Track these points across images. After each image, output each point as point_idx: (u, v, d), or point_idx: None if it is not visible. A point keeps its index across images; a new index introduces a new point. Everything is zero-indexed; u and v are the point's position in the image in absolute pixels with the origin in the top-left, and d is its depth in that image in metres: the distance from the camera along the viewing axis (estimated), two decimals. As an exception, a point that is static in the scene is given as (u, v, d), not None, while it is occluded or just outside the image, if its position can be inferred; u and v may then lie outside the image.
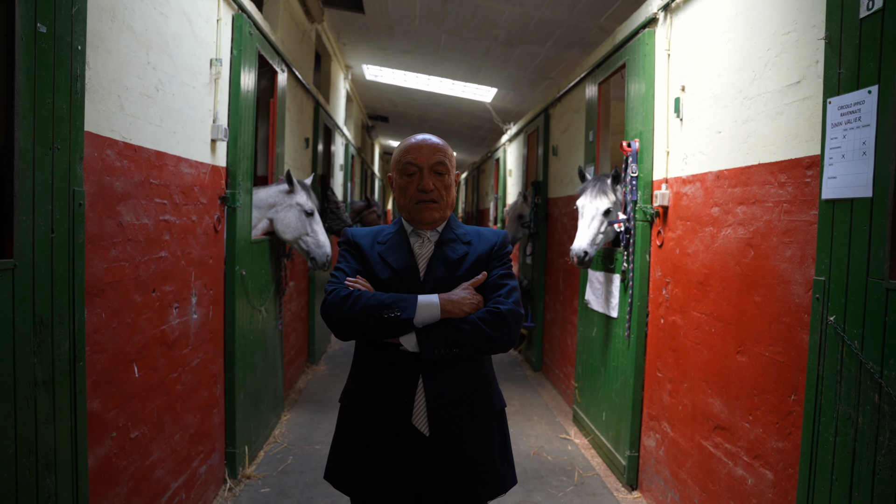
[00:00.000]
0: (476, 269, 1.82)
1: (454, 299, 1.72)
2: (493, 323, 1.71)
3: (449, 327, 1.69)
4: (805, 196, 2.23)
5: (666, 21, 3.40)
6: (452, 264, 1.82)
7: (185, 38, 2.80)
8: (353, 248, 1.88)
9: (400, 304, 1.67)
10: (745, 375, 2.55)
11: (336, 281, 1.79)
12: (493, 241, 1.88)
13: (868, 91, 1.84)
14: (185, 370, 2.88)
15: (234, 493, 3.37)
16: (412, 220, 1.86)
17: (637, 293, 3.57)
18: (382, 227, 1.94)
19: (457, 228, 1.91)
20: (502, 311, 1.73)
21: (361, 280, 1.80)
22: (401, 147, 1.87)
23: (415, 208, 1.82)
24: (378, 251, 1.85)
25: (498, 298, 1.77)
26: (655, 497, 3.37)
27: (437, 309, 1.69)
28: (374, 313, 1.67)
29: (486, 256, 1.85)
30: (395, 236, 1.88)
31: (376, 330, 1.69)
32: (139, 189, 2.41)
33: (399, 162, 1.84)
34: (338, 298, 1.71)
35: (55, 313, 1.82)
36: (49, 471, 1.79)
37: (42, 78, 1.72)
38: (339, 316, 1.70)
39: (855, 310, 1.86)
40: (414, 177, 1.82)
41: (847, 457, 1.87)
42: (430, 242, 1.86)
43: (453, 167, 1.89)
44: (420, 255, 1.85)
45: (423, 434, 1.73)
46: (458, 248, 1.85)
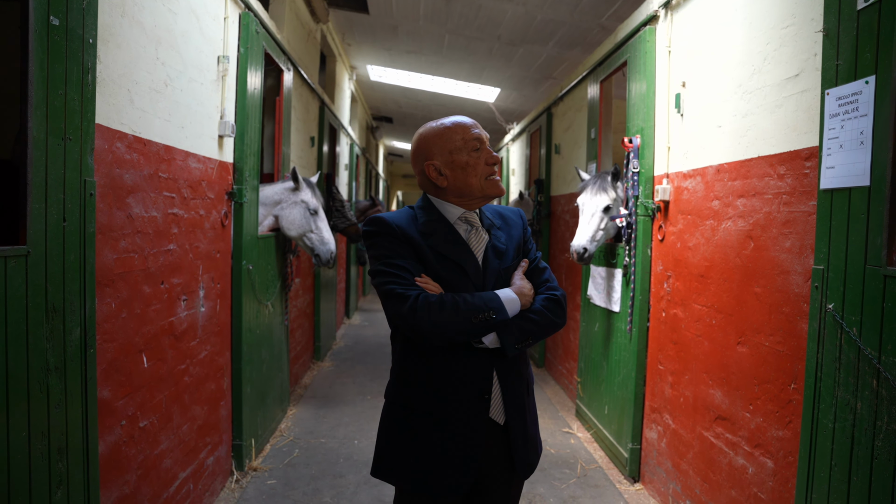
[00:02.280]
0: (518, 254, 1.87)
1: (525, 292, 1.76)
2: (554, 310, 1.78)
3: (523, 320, 1.72)
4: (804, 187, 2.26)
5: (667, 18, 3.43)
6: (501, 254, 1.82)
7: (193, 35, 2.85)
8: (400, 240, 1.73)
9: (490, 304, 1.67)
10: (746, 366, 2.57)
11: (404, 281, 1.67)
12: (521, 224, 1.93)
13: (865, 81, 1.87)
14: (192, 362, 2.92)
15: (241, 485, 3.40)
16: (483, 197, 1.80)
17: (639, 287, 3.60)
18: (412, 213, 1.81)
19: (487, 211, 1.90)
20: (559, 296, 1.81)
21: (429, 280, 1.72)
22: (451, 126, 1.79)
23: (488, 183, 1.78)
24: (429, 244, 1.74)
25: (549, 284, 1.84)
26: (657, 488, 3.39)
27: (517, 305, 1.72)
28: (471, 318, 1.64)
29: (522, 240, 1.90)
30: (441, 226, 1.78)
31: (471, 333, 1.66)
32: (148, 182, 2.45)
33: (461, 140, 1.76)
34: (428, 304, 1.62)
35: (67, 301, 1.86)
36: (61, 455, 1.83)
37: (54, 70, 1.77)
38: (433, 323, 1.61)
39: (853, 297, 1.89)
40: (480, 151, 1.77)
41: (846, 442, 1.90)
42: (478, 231, 1.82)
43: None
44: (475, 247, 1.80)
45: (497, 423, 1.77)
46: (500, 236, 1.85)
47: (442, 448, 1.72)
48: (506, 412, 1.76)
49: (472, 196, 1.80)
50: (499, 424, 1.77)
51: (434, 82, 8.56)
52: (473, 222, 1.82)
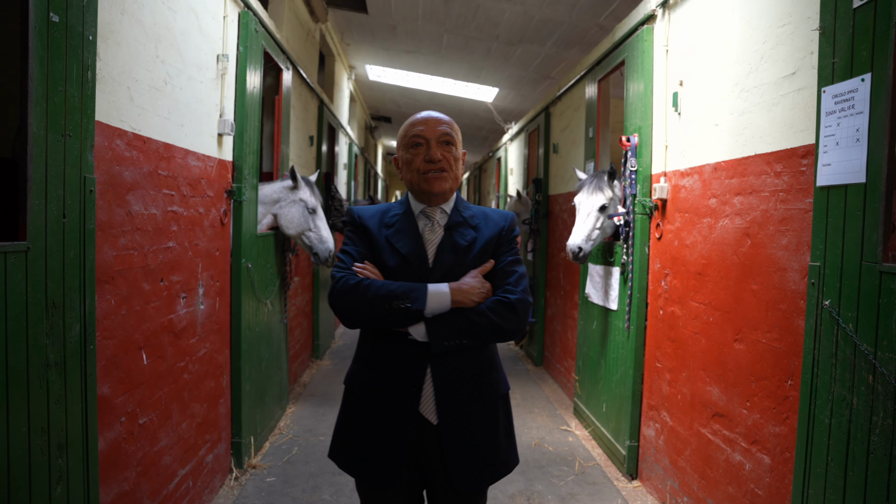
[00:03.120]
0: (484, 254, 1.80)
1: (464, 289, 1.70)
2: (502, 313, 1.70)
3: (459, 317, 1.68)
4: (800, 184, 2.27)
5: (664, 17, 3.44)
6: (461, 251, 1.78)
7: (193, 34, 2.85)
8: (359, 230, 1.82)
9: (411, 294, 1.65)
10: (743, 362, 2.59)
11: (343, 266, 1.76)
12: (501, 225, 1.85)
13: (861, 79, 1.88)
14: (192, 359, 2.93)
15: (240, 482, 3.41)
16: (421, 192, 1.81)
17: (636, 285, 3.61)
18: (389, 206, 1.89)
19: (464, 210, 1.86)
20: (512, 300, 1.72)
21: (369, 266, 1.76)
22: (406, 124, 1.85)
23: (423, 179, 1.78)
24: (385, 235, 1.80)
25: (507, 287, 1.75)
26: (655, 485, 3.40)
27: (447, 299, 1.67)
28: (384, 303, 1.64)
29: (495, 242, 1.82)
30: (403, 218, 1.83)
31: (386, 320, 1.67)
32: (148, 179, 2.46)
33: (405, 136, 1.82)
34: (346, 286, 1.68)
35: (66, 297, 1.86)
36: (61, 451, 1.84)
37: (54, 66, 1.77)
38: (347, 304, 1.68)
39: (849, 293, 1.90)
40: (421, 148, 1.78)
41: (842, 438, 1.91)
42: (439, 226, 1.82)
43: (460, 142, 1.86)
44: (429, 240, 1.80)
45: (430, 422, 1.72)
46: (467, 234, 1.81)
47: (376, 437, 1.73)
48: (438, 412, 1.71)
49: (414, 191, 1.83)
50: (432, 425, 1.73)
51: (433, 82, 8.57)
52: (432, 217, 1.83)
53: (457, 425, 1.72)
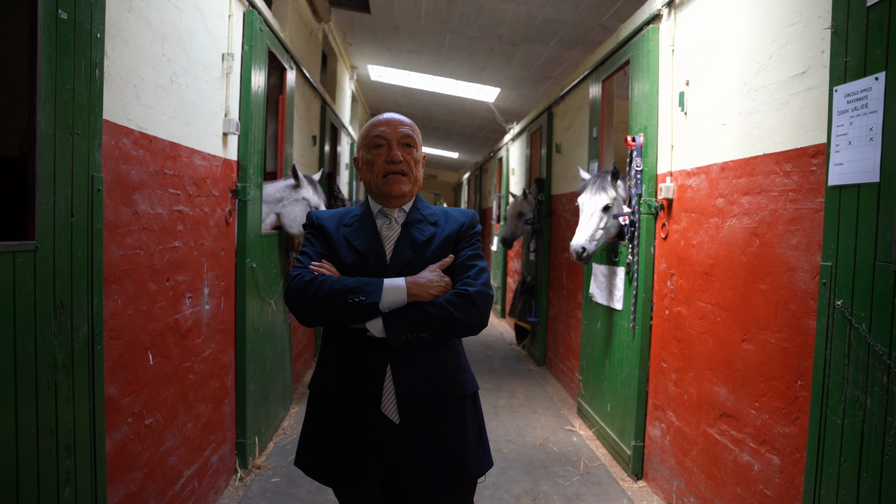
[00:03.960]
0: (444, 250, 1.79)
1: (421, 282, 1.68)
2: (461, 305, 1.67)
3: (416, 311, 1.65)
4: (811, 184, 2.26)
5: (670, 17, 3.43)
6: (419, 246, 1.77)
7: (199, 32, 2.84)
8: (317, 231, 1.83)
9: (365, 288, 1.63)
10: (751, 362, 2.58)
11: (300, 265, 1.75)
12: (461, 221, 1.84)
13: (875, 78, 1.87)
14: (197, 360, 2.91)
15: (244, 483, 3.40)
16: (380, 195, 1.81)
17: (642, 285, 3.60)
18: (349, 209, 1.90)
19: (424, 209, 1.86)
20: (470, 292, 1.69)
21: (326, 264, 1.75)
22: (367, 125, 1.85)
23: (383, 181, 1.77)
24: (343, 234, 1.80)
25: (466, 280, 1.73)
26: (661, 485, 3.39)
27: (403, 292, 1.65)
28: (339, 298, 1.63)
29: (455, 237, 1.81)
30: (361, 218, 1.83)
31: (341, 316, 1.64)
32: (154, 179, 2.44)
33: (366, 137, 1.81)
34: (301, 283, 1.67)
35: (74, 297, 1.85)
36: (69, 452, 1.82)
37: (63, 64, 1.76)
38: (302, 301, 1.66)
39: (862, 293, 1.89)
40: (381, 149, 1.78)
41: (855, 439, 1.90)
42: (397, 224, 1.82)
43: (420, 145, 1.86)
44: (386, 237, 1.80)
45: (393, 422, 1.69)
46: (426, 230, 1.80)
47: (340, 440, 1.70)
48: (399, 411, 1.68)
49: (373, 193, 1.82)
50: (395, 425, 1.69)
51: (434, 82, 8.56)
52: (390, 215, 1.83)
53: (419, 425, 1.69)
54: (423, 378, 1.71)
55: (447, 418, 1.72)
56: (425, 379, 1.71)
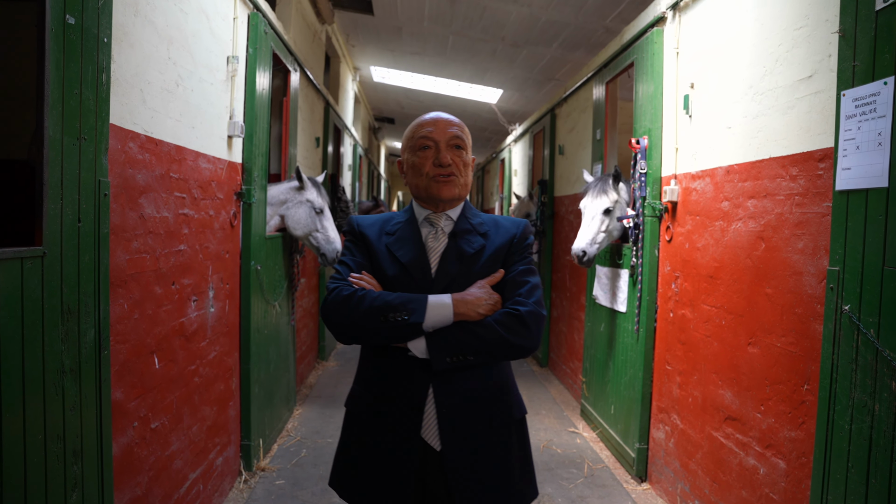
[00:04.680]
0: (494, 263, 1.66)
1: (468, 300, 1.56)
2: (511, 326, 1.54)
3: (462, 331, 1.53)
4: (817, 188, 2.25)
5: (675, 20, 3.43)
6: (468, 259, 1.65)
7: (204, 35, 2.84)
8: (357, 240, 1.72)
9: (408, 305, 1.52)
10: (757, 366, 2.57)
11: (339, 277, 1.64)
12: (512, 233, 1.71)
13: (884, 82, 1.86)
14: (202, 363, 2.91)
15: (249, 485, 3.40)
16: (428, 199, 1.69)
17: (646, 288, 3.60)
18: (392, 215, 1.77)
19: (473, 217, 1.74)
20: (522, 312, 1.56)
21: (367, 276, 1.64)
22: (412, 125, 1.73)
23: (431, 184, 1.65)
24: (386, 243, 1.68)
25: (517, 298, 1.60)
26: (665, 488, 3.39)
27: (449, 311, 1.53)
28: (379, 316, 1.51)
29: (505, 250, 1.68)
30: (405, 226, 1.71)
31: (382, 335, 1.53)
32: (160, 182, 2.44)
33: (412, 138, 1.70)
34: (339, 298, 1.56)
35: (81, 302, 1.85)
36: (76, 457, 1.82)
37: (70, 69, 1.76)
38: (340, 318, 1.55)
39: (871, 298, 1.88)
40: (429, 151, 1.66)
41: (863, 444, 1.89)
42: (444, 234, 1.69)
43: (470, 147, 1.74)
44: (432, 248, 1.67)
45: (434, 448, 1.57)
46: (474, 241, 1.67)
47: (376, 465, 1.59)
48: (441, 438, 1.55)
49: (421, 197, 1.71)
50: (436, 451, 1.57)
51: (437, 83, 8.56)
52: (436, 224, 1.70)
53: (462, 453, 1.56)
54: (467, 402, 1.59)
55: (492, 446, 1.60)
56: (469, 403, 1.59)
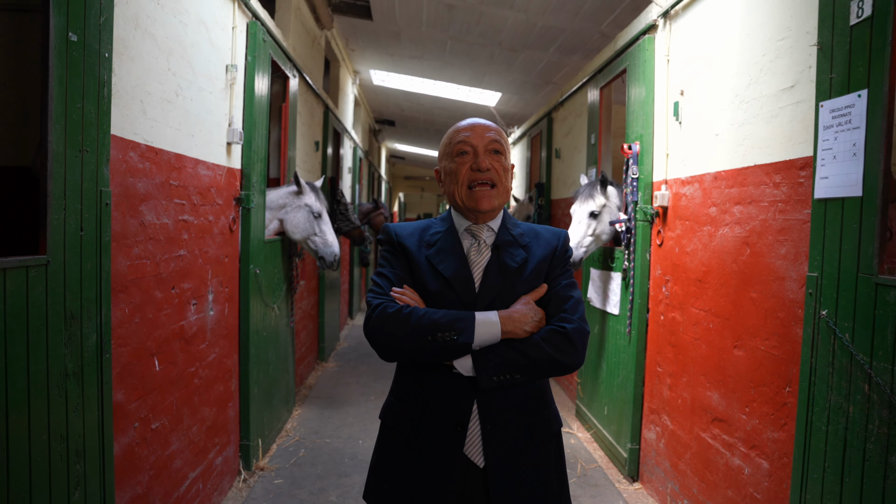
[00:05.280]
0: (537, 277, 1.63)
1: (515, 317, 1.53)
2: (558, 344, 1.52)
3: (509, 350, 1.51)
4: (799, 196, 2.32)
5: (665, 28, 3.49)
6: (511, 273, 1.61)
7: (203, 45, 2.91)
8: (396, 250, 1.66)
9: (456, 324, 1.48)
10: (742, 369, 2.63)
11: (380, 291, 1.59)
12: (553, 245, 1.68)
13: (858, 95, 1.93)
14: (202, 365, 2.99)
15: (248, 485, 3.47)
16: (466, 210, 1.64)
17: (638, 291, 3.66)
18: (430, 223, 1.72)
19: (513, 228, 1.70)
20: (568, 330, 1.54)
21: (409, 291, 1.60)
22: (449, 132, 1.69)
23: (469, 194, 1.61)
24: (426, 255, 1.63)
25: (563, 315, 1.58)
26: (656, 488, 3.45)
27: (497, 329, 1.50)
28: (427, 335, 1.48)
29: (548, 263, 1.66)
30: (446, 237, 1.66)
31: (429, 353, 1.50)
32: (160, 190, 2.51)
33: (448, 145, 1.66)
34: (384, 315, 1.51)
35: (84, 307, 1.92)
36: (79, 457, 1.89)
37: (73, 84, 1.83)
38: (385, 337, 1.51)
39: (846, 304, 1.95)
40: (466, 156, 1.61)
41: (839, 444, 1.96)
42: (486, 246, 1.65)
43: (509, 152, 1.70)
44: (475, 262, 1.63)
45: (476, 465, 1.56)
46: (517, 254, 1.64)
47: (417, 480, 1.57)
48: (485, 455, 1.54)
49: (458, 207, 1.67)
50: (478, 468, 1.56)
51: (436, 86, 8.62)
52: (478, 235, 1.67)
53: (506, 469, 1.55)
54: (510, 418, 1.58)
55: (532, 460, 1.60)
56: (513, 419, 1.58)
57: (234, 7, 3.31)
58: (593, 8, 4.99)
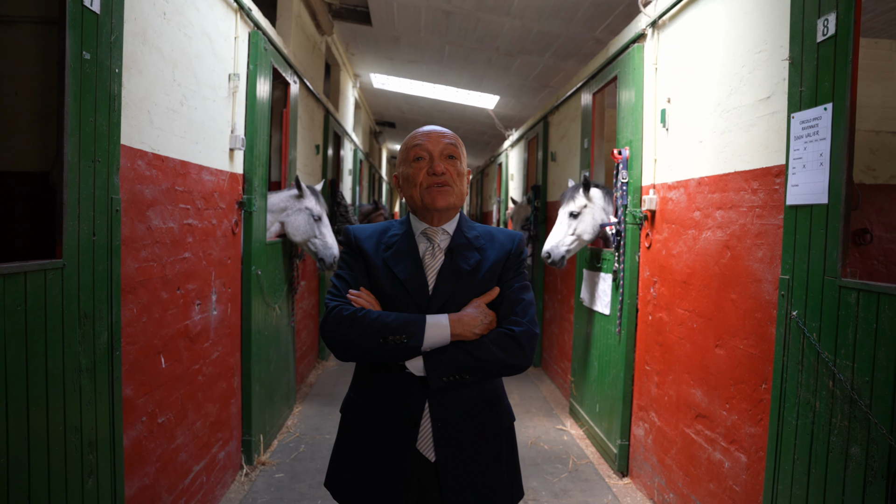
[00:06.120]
0: (490, 280, 1.69)
1: (465, 320, 1.59)
2: (506, 346, 1.59)
3: (459, 352, 1.57)
4: (774, 202, 2.43)
5: (654, 37, 3.61)
6: (465, 276, 1.67)
7: (206, 56, 3.03)
8: (355, 253, 1.73)
9: (407, 328, 1.54)
10: (723, 367, 2.75)
11: (337, 294, 1.66)
12: (508, 248, 1.73)
13: (824, 108, 2.05)
14: (205, 362, 3.11)
15: (250, 478, 3.60)
16: (423, 209, 1.70)
17: (627, 291, 3.78)
18: (390, 225, 1.79)
19: (469, 231, 1.75)
20: (516, 333, 1.60)
21: (365, 294, 1.66)
22: (406, 139, 1.77)
23: (426, 193, 1.67)
24: (384, 258, 1.69)
25: (513, 318, 1.64)
26: (644, 482, 3.57)
27: (446, 332, 1.56)
28: (379, 338, 1.54)
29: (501, 265, 1.71)
30: (402, 240, 1.72)
31: (380, 355, 1.57)
32: (166, 196, 2.64)
33: (406, 151, 1.73)
34: (339, 318, 1.58)
35: (96, 308, 2.05)
36: (91, 448, 2.02)
37: (86, 99, 1.95)
38: (338, 338, 1.58)
39: (814, 305, 2.06)
40: (423, 162, 1.68)
41: (807, 438, 2.08)
42: (440, 249, 1.71)
43: (464, 158, 1.76)
44: (429, 265, 1.69)
45: (428, 459, 1.63)
46: (471, 257, 1.69)
47: (372, 473, 1.64)
48: (436, 450, 1.61)
49: (417, 208, 1.73)
50: (430, 462, 1.62)
51: (435, 90, 8.75)
52: (433, 239, 1.72)
53: (456, 463, 1.62)
54: (461, 415, 1.64)
55: (483, 454, 1.66)
56: (464, 416, 1.64)
57: (237, 18, 3.43)
58: (587, 15, 5.11)
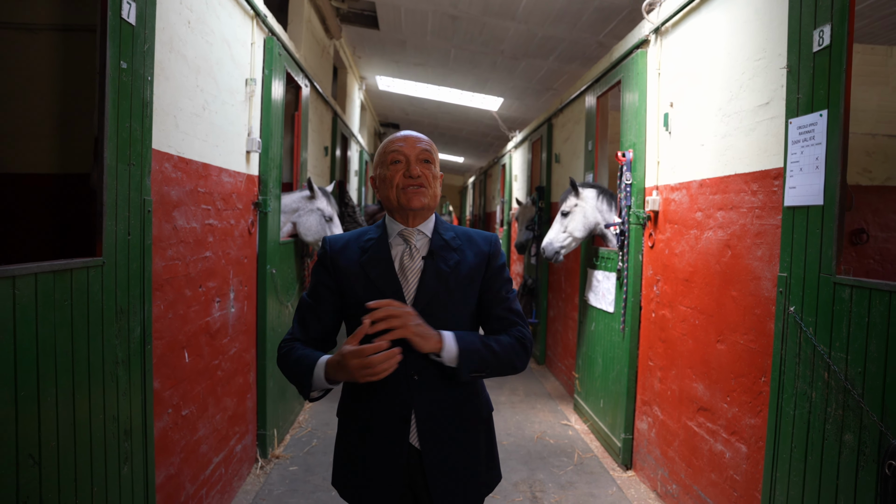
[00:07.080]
0: (471, 279, 1.76)
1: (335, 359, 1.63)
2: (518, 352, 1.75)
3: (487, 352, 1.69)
4: (773, 203, 2.55)
5: (656, 43, 3.72)
6: (444, 277, 1.74)
7: (226, 62, 3.15)
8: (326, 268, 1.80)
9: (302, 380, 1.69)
10: (724, 361, 2.87)
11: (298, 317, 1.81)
12: (484, 250, 1.80)
13: (820, 114, 2.16)
14: (224, 358, 3.23)
15: (265, 471, 3.71)
16: (399, 209, 1.75)
17: (631, 290, 3.89)
18: (366, 230, 1.85)
19: (445, 232, 1.81)
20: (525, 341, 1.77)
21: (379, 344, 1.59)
22: (383, 143, 1.83)
23: (402, 193, 1.72)
24: (360, 262, 1.76)
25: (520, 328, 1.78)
26: (647, 475, 3.69)
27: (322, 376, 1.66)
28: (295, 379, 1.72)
29: (483, 267, 1.79)
30: (377, 244, 1.78)
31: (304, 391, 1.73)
32: (189, 197, 2.75)
33: (383, 154, 1.79)
34: (279, 353, 1.78)
35: (130, 303, 2.16)
36: (127, 436, 2.13)
37: (122, 106, 2.07)
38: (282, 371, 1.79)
39: (810, 301, 2.18)
40: (399, 165, 1.74)
41: (803, 427, 2.19)
42: (418, 251, 1.77)
43: (438, 163, 1.83)
44: (408, 267, 1.75)
45: (418, 450, 1.75)
46: (449, 258, 1.76)
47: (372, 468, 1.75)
48: (420, 440, 1.73)
49: (393, 208, 1.77)
50: (417, 450, 1.74)
51: (440, 92, 8.86)
52: (409, 241, 1.78)
53: (437, 451, 1.74)
54: (442, 409, 1.75)
55: (462, 443, 1.78)
56: (445, 410, 1.75)
57: (253, 25, 3.55)
58: (591, 20, 5.22)
